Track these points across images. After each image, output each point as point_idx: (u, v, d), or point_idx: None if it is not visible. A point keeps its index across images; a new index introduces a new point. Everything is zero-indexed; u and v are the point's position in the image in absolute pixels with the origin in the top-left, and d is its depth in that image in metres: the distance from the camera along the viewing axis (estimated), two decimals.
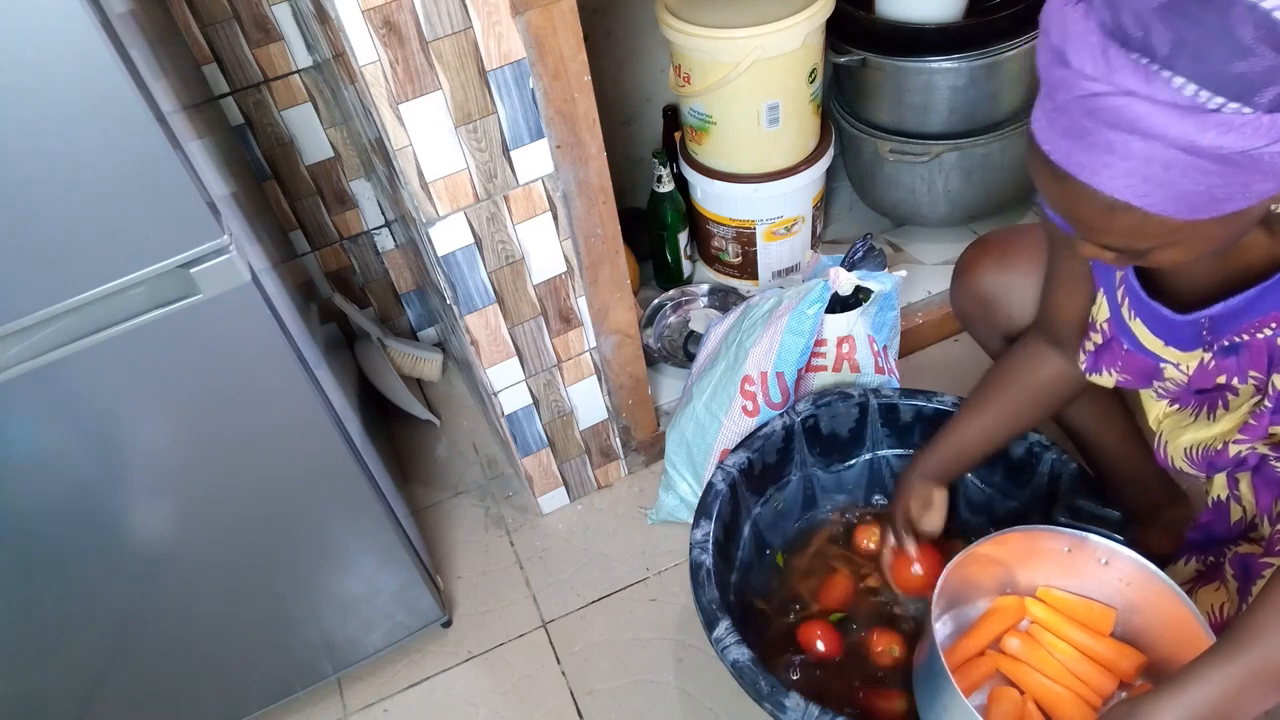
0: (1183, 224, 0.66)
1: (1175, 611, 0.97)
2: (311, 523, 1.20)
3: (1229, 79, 0.57)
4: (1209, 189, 0.63)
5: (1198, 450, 0.98)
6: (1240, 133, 0.59)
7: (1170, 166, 0.62)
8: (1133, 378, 1.01)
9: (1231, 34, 0.57)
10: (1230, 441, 0.93)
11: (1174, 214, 0.65)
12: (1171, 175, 0.62)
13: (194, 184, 0.88)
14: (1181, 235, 0.68)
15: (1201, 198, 0.63)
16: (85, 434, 0.99)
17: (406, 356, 1.83)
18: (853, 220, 2.01)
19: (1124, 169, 0.63)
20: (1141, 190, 0.64)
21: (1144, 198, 0.64)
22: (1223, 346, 0.89)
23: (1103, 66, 0.61)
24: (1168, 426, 1.02)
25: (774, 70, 1.55)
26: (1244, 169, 0.61)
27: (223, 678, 1.30)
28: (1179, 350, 0.93)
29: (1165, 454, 1.02)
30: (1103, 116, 0.62)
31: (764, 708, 1.03)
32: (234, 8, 1.46)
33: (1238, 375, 0.90)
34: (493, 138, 1.16)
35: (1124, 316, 0.96)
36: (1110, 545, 1.03)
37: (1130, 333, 0.96)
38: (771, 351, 1.34)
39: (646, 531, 1.57)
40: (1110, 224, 0.68)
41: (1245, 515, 0.99)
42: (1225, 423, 0.94)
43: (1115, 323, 0.98)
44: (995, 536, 1.05)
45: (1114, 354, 1.01)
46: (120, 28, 0.85)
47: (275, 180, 1.64)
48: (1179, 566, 1.08)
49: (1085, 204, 0.68)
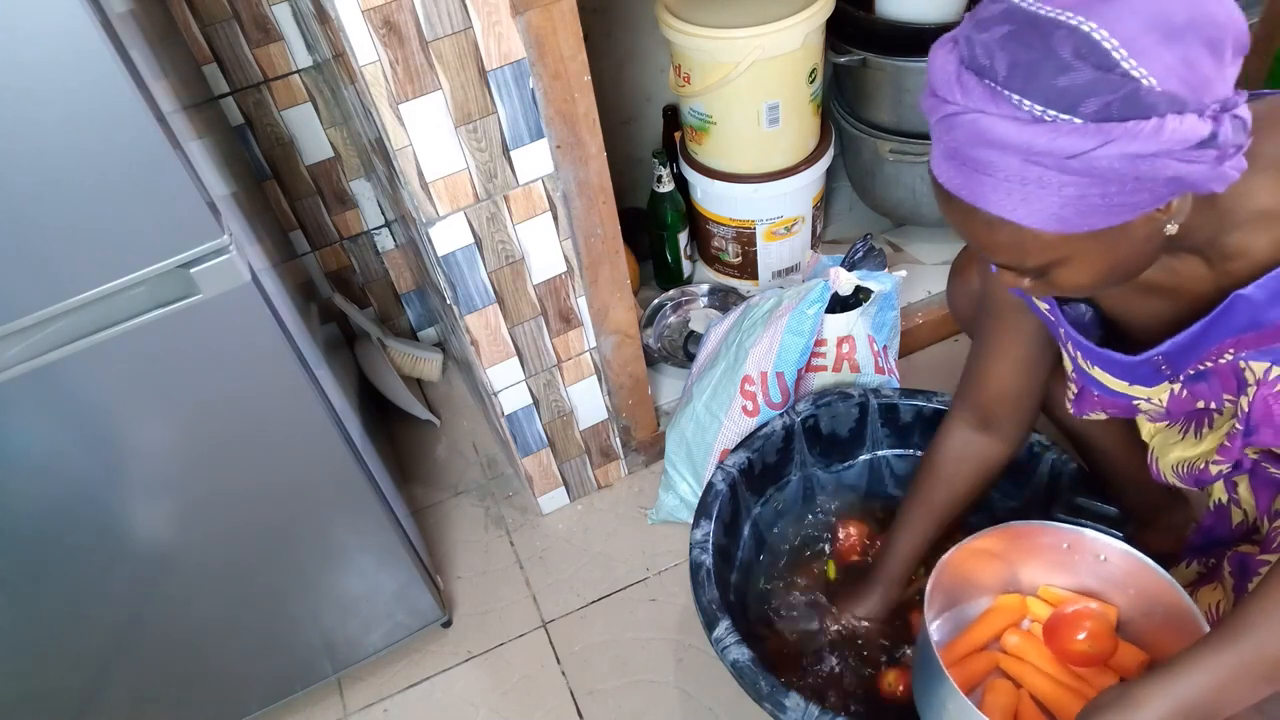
0: (1058, 239, 0.71)
1: (1175, 608, 0.97)
2: (311, 523, 1.20)
3: (1056, 93, 0.65)
4: (1069, 200, 0.68)
5: (1184, 467, 1.00)
6: (1069, 139, 0.65)
7: (1027, 180, 0.68)
8: (1119, 412, 1.05)
9: (1055, 54, 0.65)
10: (1210, 462, 0.95)
11: (1043, 228, 0.70)
12: (1029, 189, 0.68)
13: (194, 184, 0.88)
14: (1064, 252, 0.73)
15: (1066, 209, 0.69)
16: (85, 434, 0.99)
17: (406, 356, 1.83)
18: (853, 220, 2.01)
19: (992, 184, 0.70)
20: (1010, 205, 0.70)
21: (1012, 212, 0.70)
22: (1190, 376, 0.91)
23: (958, 91, 0.69)
24: (1158, 442, 1.04)
25: (774, 70, 1.55)
26: (1087, 176, 0.66)
27: (223, 678, 1.30)
28: (1144, 387, 0.95)
29: (1157, 468, 1.04)
30: (962, 134, 0.69)
31: (764, 708, 1.03)
32: (234, 8, 1.46)
33: (1214, 399, 0.92)
34: (493, 138, 1.16)
35: (1084, 367, 0.99)
36: (1109, 541, 1.03)
37: (1095, 380, 0.99)
38: (771, 351, 1.34)
39: (646, 531, 1.57)
40: (994, 241, 0.74)
41: (1247, 518, 1.00)
42: (1209, 441, 0.96)
43: (1079, 374, 1.02)
44: (992, 531, 1.05)
45: (1090, 400, 1.04)
46: (120, 28, 0.85)
47: (275, 180, 1.64)
48: (1181, 569, 1.08)
49: (970, 223, 0.74)
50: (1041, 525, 1.05)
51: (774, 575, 1.35)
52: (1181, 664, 0.78)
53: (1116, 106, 0.64)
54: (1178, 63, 0.64)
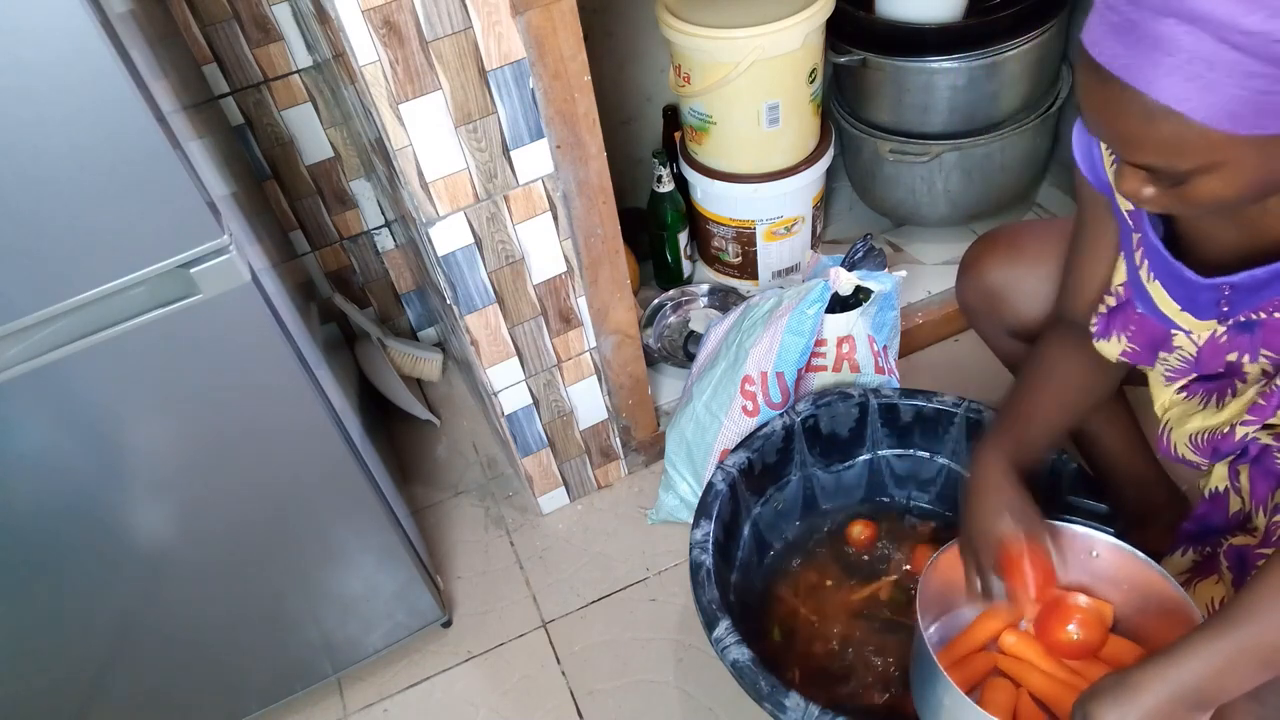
0: (1224, 140, 0.66)
1: (1169, 601, 0.97)
2: (311, 523, 1.20)
3: None
4: (1252, 94, 0.62)
5: (1203, 436, 0.96)
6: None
7: (1215, 64, 0.62)
8: (1140, 348, 0.98)
9: None
10: (1237, 424, 0.91)
11: (1215, 123, 0.65)
12: (1216, 76, 0.62)
13: (194, 184, 0.88)
14: (1222, 156, 0.67)
15: (1244, 105, 0.63)
16: (85, 434, 0.99)
17: (406, 356, 1.83)
18: (853, 220, 2.01)
19: (1168, 66, 0.63)
20: (1183, 92, 0.64)
21: (1185, 101, 0.64)
22: (1238, 322, 0.87)
23: None
24: (1174, 415, 1.00)
25: (774, 70, 1.55)
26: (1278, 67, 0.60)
27: (223, 678, 1.30)
28: (1194, 317, 0.91)
29: (1169, 441, 1.00)
30: (1150, 2, 0.62)
31: (764, 708, 1.03)
32: (234, 8, 1.46)
33: (1249, 353, 0.89)
34: (493, 138, 1.16)
35: (1142, 279, 0.94)
36: (1099, 537, 1.02)
37: (1147, 295, 0.94)
38: (771, 351, 1.34)
39: (646, 531, 1.57)
40: (1150, 135, 0.68)
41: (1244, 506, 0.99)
42: (1232, 409, 0.93)
43: (1132, 285, 0.96)
44: None
45: (1126, 317, 0.98)
46: (120, 28, 0.85)
47: (275, 180, 1.64)
48: (1175, 558, 1.07)
49: (1127, 112, 0.68)
50: None
51: None
52: (1179, 650, 0.78)
53: None
54: None
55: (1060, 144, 1.84)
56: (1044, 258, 1.14)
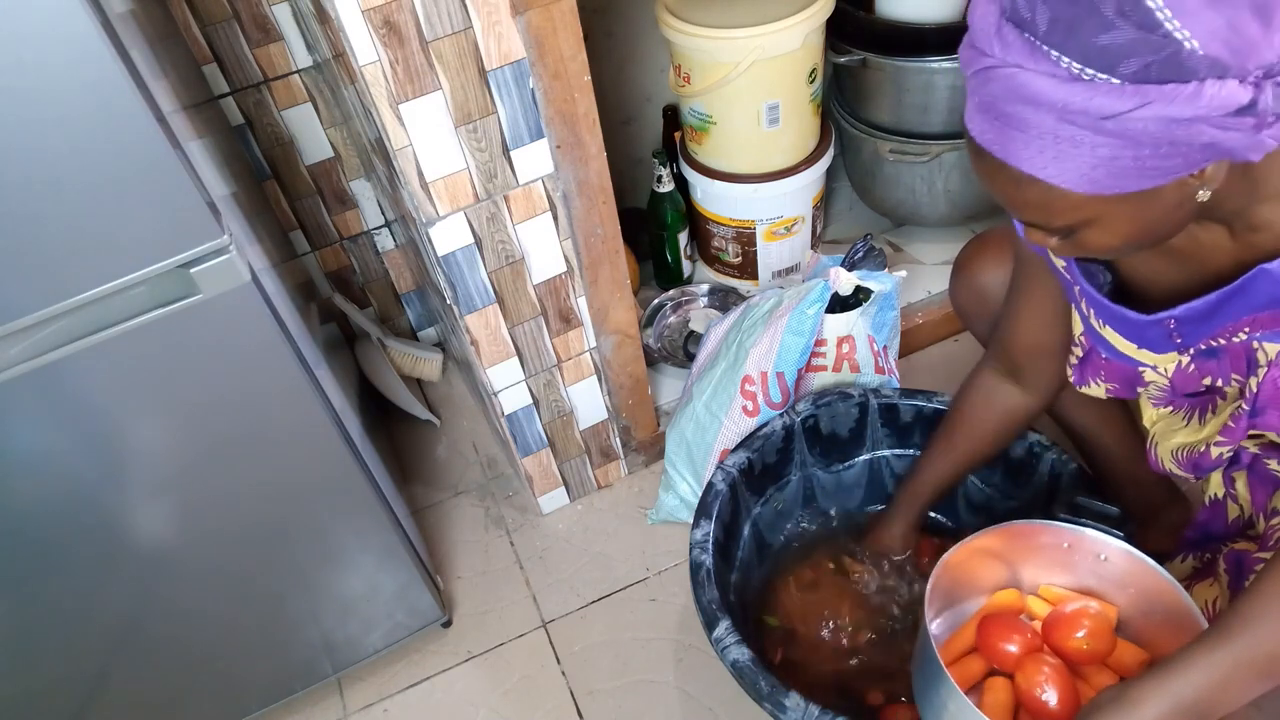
0: (1087, 200, 0.70)
1: (1175, 608, 0.97)
2: (311, 523, 1.20)
3: (1096, 51, 0.63)
4: (1104, 162, 0.67)
5: (1183, 452, 0.99)
6: (1106, 98, 0.64)
7: (1061, 139, 0.67)
8: (1119, 385, 1.04)
9: (1097, 10, 0.62)
10: (1212, 444, 0.94)
11: (1073, 188, 0.69)
12: (1062, 148, 0.67)
13: (194, 184, 0.88)
14: (1093, 213, 0.72)
15: (1098, 170, 0.68)
16: (85, 434, 0.99)
17: (406, 356, 1.83)
18: (853, 220, 2.01)
19: (1023, 141, 0.69)
20: (1041, 163, 0.69)
21: (1043, 170, 0.69)
22: (1200, 350, 0.90)
23: (998, 45, 0.68)
24: (1160, 429, 1.03)
25: (774, 70, 1.55)
26: (1121, 138, 0.65)
27: (223, 678, 1.30)
28: (1152, 353, 0.94)
29: (1155, 455, 1.03)
30: (999, 88, 0.68)
31: (764, 708, 1.03)
32: (234, 8, 1.46)
33: (1221, 378, 0.91)
34: (493, 138, 1.16)
35: (1095, 326, 0.98)
36: (1109, 541, 1.02)
37: (1104, 340, 0.98)
38: (771, 351, 1.34)
39: (646, 531, 1.57)
40: (1023, 198, 0.74)
41: (1243, 513, 1.00)
42: (1211, 427, 0.95)
43: (1089, 333, 1.01)
44: (992, 530, 1.05)
45: (1095, 364, 1.03)
46: (120, 28, 0.85)
47: (275, 180, 1.64)
48: (1176, 564, 1.08)
49: (1001, 180, 0.74)
50: (1042, 524, 1.05)
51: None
52: (1178, 663, 0.78)
53: (1156, 68, 0.62)
54: (1223, 26, 0.61)
55: None
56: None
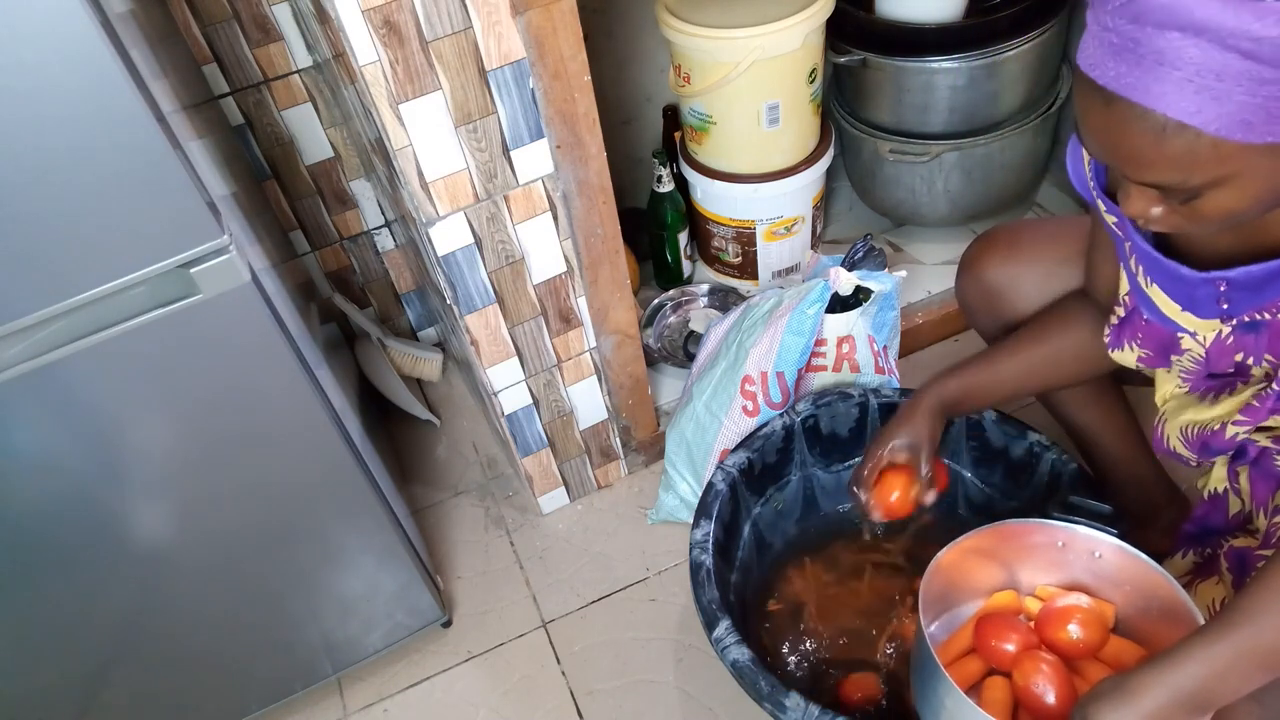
0: (1237, 151, 0.65)
1: (1171, 603, 0.97)
2: (311, 523, 1.20)
3: None
4: (1264, 101, 0.62)
5: (1194, 430, 0.96)
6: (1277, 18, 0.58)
7: (1223, 74, 0.61)
8: (1152, 353, 0.99)
9: None
10: (1229, 422, 0.92)
11: (1228, 134, 0.64)
12: (1225, 85, 0.62)
13: (194, 184, 0.88)
14: (1235, 168, 0.66)
15: (1257, 113, 0.62)
16: (85, 434, 0.99)
17: (406, 356, 1.83)
18: (853, 220, 2.01)
19: (1175, 80, 0.63)
20: (1194, 105, 0.63)
21: (1197, 114, 0.63)
22: (1243, 322, 0.87)
23: None
24: (1171, 406, 1.01)
25: (774, 70, 1.55)
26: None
27: (223, 678, 1.30)
28: (1195, 317, 0.91)
29: (1162, 433, 1.01)
30: (1151, 17, 0.62)
31: (764, 708, 1.03)
32: (234, 8, 1.46)
33: (1254, 355, 0.89)
34: (493, 138, 1.16)
35: (1141, 285, 0.94)
36: (1103, 538, 1.02)
37: (1149, 300, 0.94)
38: (772, 351, 1.34)
39: (646, 531, 1.57)
40: (1161, 152, 0.67)
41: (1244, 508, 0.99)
42: (1225, 405, 0.93)
43: (1134, 293, 0.97)
44: (985, 530, 1.04)
45: (1135, 326, 0.99)
46: (120, 28, 0.85)
47: (275, 180, 1.64)
48: (1176, 560, 1.07)
49: (1135, 131, 0.67)
50: (1035, 523, 1.05)
51: None
52: (1178, 653, 0.78)
53: None
54: None
55: (1060, 144, 1.84)
56: (1041, 256, 1.14)
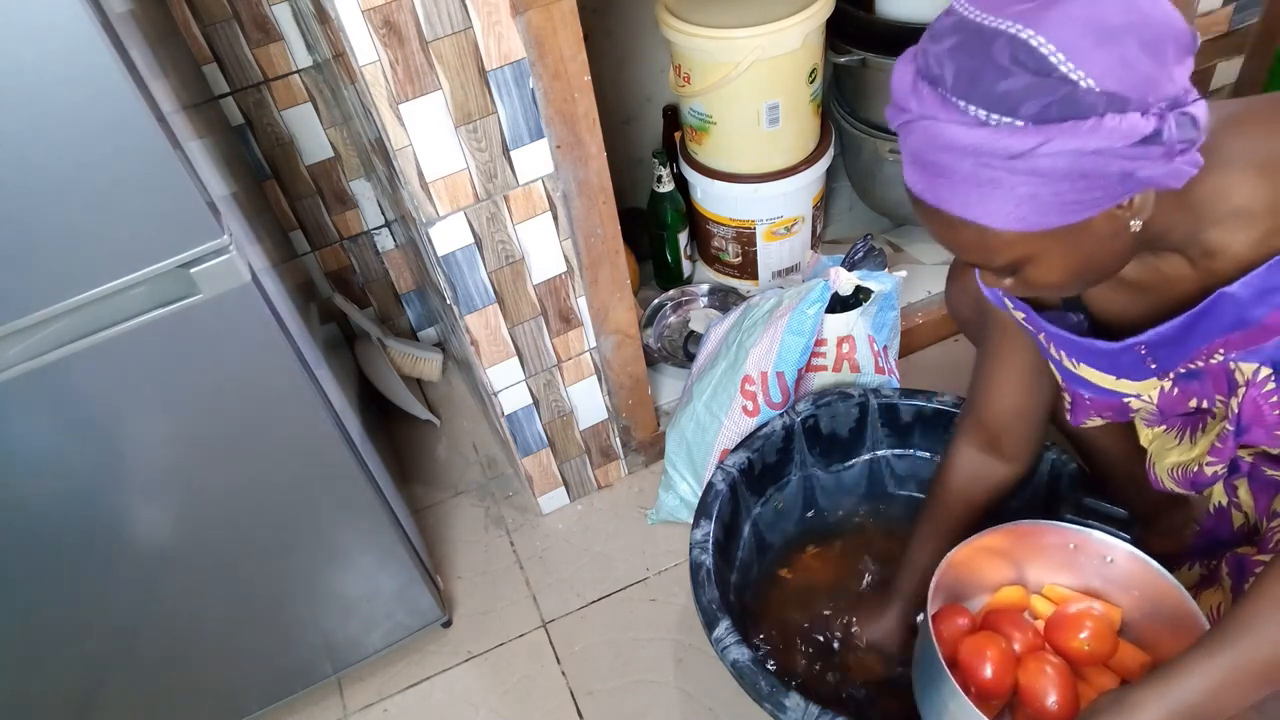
0: (1019, 237, 0.73)
1: (1179, 611, 0.96)
2: (311, 522, 1.20)
3: (997, 97, 0.68)
4: (1021, 200, 0.70)
5: (1179, 471, 1.00)
6: (1012, 139, 0.68)
7: (980, 181, 0.71)
8: (1114, 415, 1.05)
9: (994, 61, 0.68)
10: (1204, 464, 0.95)
11: (1002, 226, 0.72)
12: (984, 189, 0.71)
13: (194, 184, 0.88)
14: (1028, 250, 0.75)
15: (1021, 208, 0.71)
16: (85, 434, 0.99)
17: (406, 356, 1.83)
18: (853, 220, 2.01)
19: (948, 186, 0.73)
20: (966, 205, 0.73)
21: (970, 211, 0.73)
22: (1181, 374, 0.91)
23: (914, 100, 0.73)
24: (1156, 448, 1.04)
25: (774, 70, 1.55)
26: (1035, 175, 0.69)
27: (223, 677, 1.30)
28: (1131, 381, 0.96)
29: (1155, 474, 1.05)
30: (919, 140, 0.73)
31: (764, 708, 1.03)
32: (234, 8, 1.46)
33: (1206, 399, 0.92)
34: (493, 138, 1.16)
35: (1069, 368, 1.00)
36: (1115, 543, 1.02)
37: (1082, 380, 1.00)
38: (772, 351, 1.34)
39: (646, 531, 1.57)
40: (960, 240, 0.77)
41: (1248, 520, 1.00)
42: (1202, 445, 0.96)
43: (1065, 378, 1.03)
44: (998, 529, 1.05)
45: (1084, 404, 1.05)
46: (120, 28, 0.85)
47: (275, 180, 1.64)
48: (1183, 572, 1.08)
49: (936, 224, 0.77)
50: (1048, 525, 1.05)
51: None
52: (1177, 668, 0.78)
53: (1055, 107, 0.67)
54: (1115, 63, 0.66)
55: None
56: None
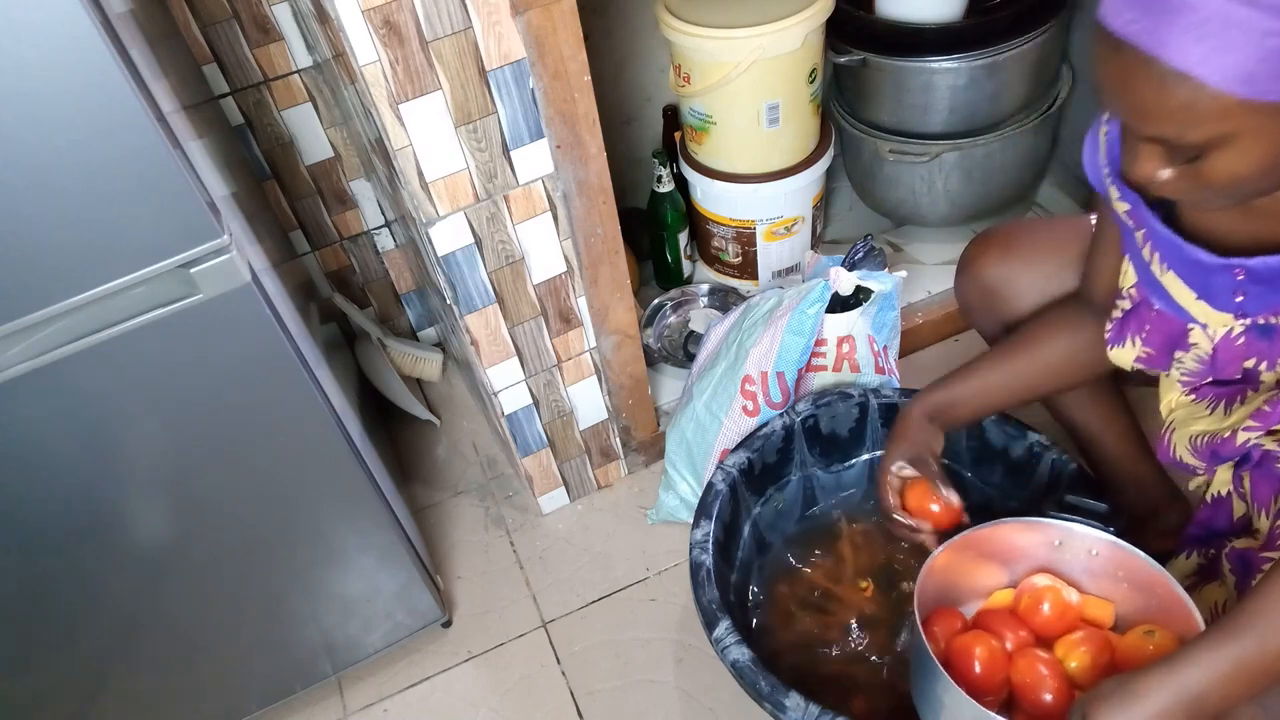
0: (1239, 108, 0.65)
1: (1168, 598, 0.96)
2: (311, 522, 1.20)
3: None
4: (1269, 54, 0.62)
5: (1203, 439, 0.96)
6: None
7: (1230, 23, 0.62)
8: (1155, 350, 0.99)
9: None
10: (1240, 429, 0.91)
11: (1229, 87, 0.64)
12: (1231, 35, 0.62)
13: (194, 184, 0.88)
14: (1237, 126, 0.66)
15: (1261, 66, 0.62)
16: (85, 434, 0.99)
17: (406, 356, 1.83)
18: (853, 220, 2.01)
19: (1182, 27, 0.63)
20: (1198, 55, 0.64)
21: (1199, 64, 0.64)
22: (1257, 325, 0.87)
23: None
24: (1180, 416, 1.00)
25: (774, 70, 1.55)
26: None
27: (223, 678, 1.30)
28: (1209, 307, 0.90)
29: (1169, 442, 1.00)
30: None
31: (764, 708, 1.03)
32: (234, 8, 1.46)
33: (1267, 360, 0.88)
34: (493, 138, 1.16)
35: (1155, 273, 0.93)
36: (1098, 536, 1.02)
37: (1161, 288, 0.93)
38: (772, 351, 1.34)
39: (646, 531, 1.57)
40: (1163, 103, 0.67)
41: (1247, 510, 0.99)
42: (1238, 415, 0.92)
43: (1145, 283, 0.96)
44: (980, 529, 1.04)
45: (1142, 318, 0.98)
46: (120, 28, 0.85)
47: (275, 180, 1.64)
48: (1180, 561, 1.07)
49: (1139, 80, 0.67)
50: (1031, 522, 1.05)
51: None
52: (1183, 657, 0.78)
53: None
54: None
55: (1060, 144, 1.84)
56: (1040, 255, 1.15)
